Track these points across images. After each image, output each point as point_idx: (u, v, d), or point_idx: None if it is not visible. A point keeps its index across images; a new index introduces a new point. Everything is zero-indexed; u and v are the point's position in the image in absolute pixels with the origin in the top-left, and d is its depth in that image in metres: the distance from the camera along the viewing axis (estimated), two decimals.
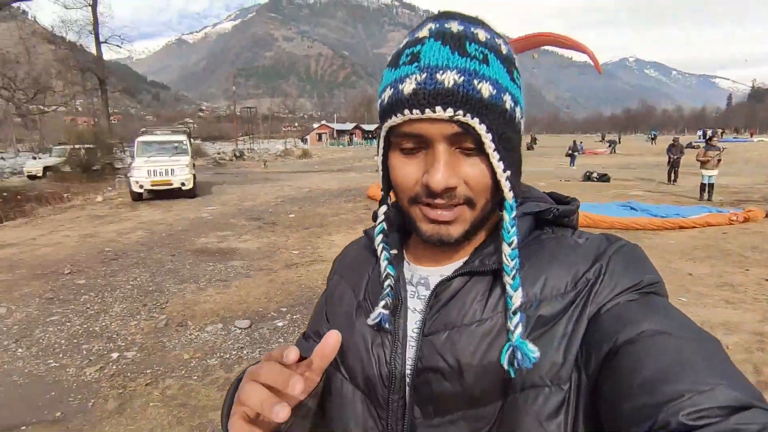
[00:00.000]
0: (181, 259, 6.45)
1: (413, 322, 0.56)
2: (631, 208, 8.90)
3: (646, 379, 0.38)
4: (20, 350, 3.78)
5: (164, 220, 9.55)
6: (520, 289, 0.49)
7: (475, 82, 0.47)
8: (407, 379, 0.54)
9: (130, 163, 13.04)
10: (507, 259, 0.50)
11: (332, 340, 0.48)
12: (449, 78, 0.46)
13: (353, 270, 0.67)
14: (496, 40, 0.51)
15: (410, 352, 0.54)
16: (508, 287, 0.50)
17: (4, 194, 14.13)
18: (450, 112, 0.46)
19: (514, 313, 0.48)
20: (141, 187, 12.00)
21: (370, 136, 68.91)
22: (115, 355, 3.66)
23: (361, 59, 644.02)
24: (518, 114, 0.52)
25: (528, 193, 0.60)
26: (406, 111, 0.47)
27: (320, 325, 0.69)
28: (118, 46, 29.82)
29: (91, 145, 20.63)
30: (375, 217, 0.62)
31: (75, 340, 3.94)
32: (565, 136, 77.33)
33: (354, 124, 75.50)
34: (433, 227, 0.51)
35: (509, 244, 0.50)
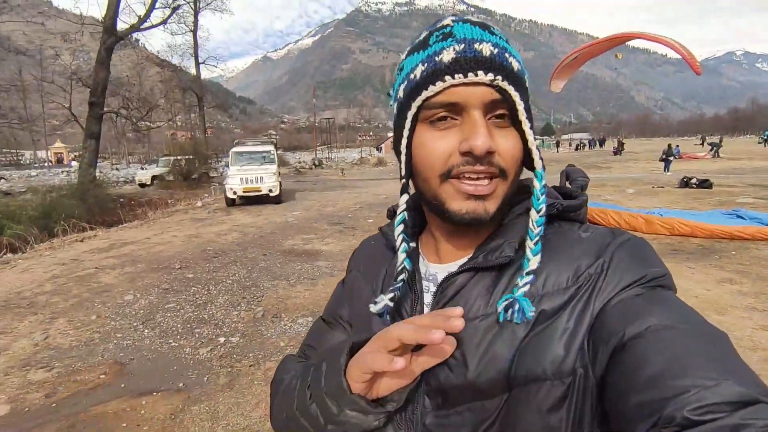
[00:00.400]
0: (272, 258, 7.01)
1: None
2: (738, 216, 8.07)
3: (652, 373, 0.39)
4: (146, 331, 4.39)
5: (254, 224, 10.37)
6: (539, 255, 0.51)
7: (506, 55, 0.50)
8: None
9: (225, 172, 14.29)
10: (533, 225, 0.52)
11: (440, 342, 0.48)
12: (486, 48, 0.49)
13: (370, 266, 0.69)
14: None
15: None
16: (528, 251, 0.51)
17: (121, 200, 16.22)
18: (491, 76, 0.48)
19: (527, 273, 0.50)
20: (234, 193, 13.13)
21: None
22: (222, 339, 4.12)
23: None
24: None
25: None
26: (447, 77, 0.49)
27: (340, 310, 0.72)
28: (214, 66, 32.79)
29: (191, 156, 22.92)
30: (390, 215, 0.66)
31: (189, 325, 4.49)
32: (657, 140, 71.18)
33: None
34: (468, 204, 0.51)
35: (538, 211, 0.52)
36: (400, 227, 0.59)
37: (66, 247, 8.62)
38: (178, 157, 23.07)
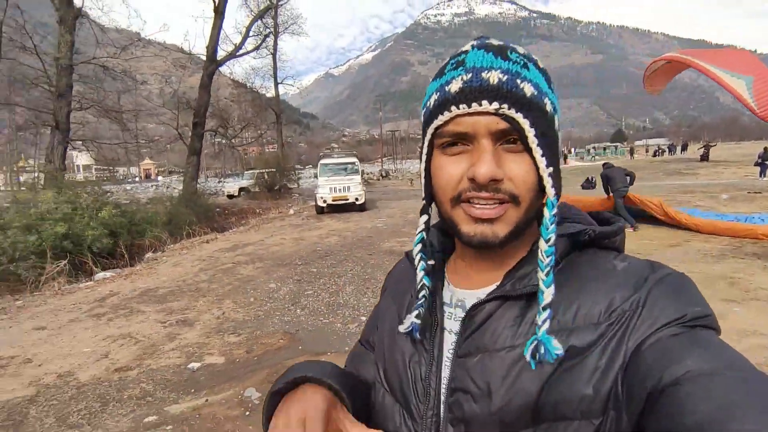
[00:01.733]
0: (378, 257, 7.85)
1: (449, 342, 0.57)
2: None
3: (693, 424, 0.36)
4: (298, 311, 5.33)
5: (348, 228, 11.36)
6: (552, 287, 0.48)
7: (518, 81, 0.49)
8: (442, 397, 0.56)
9: (315, 182, 15.59)
10: (543, 256, 0.50)
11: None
12: (494, 76, 0.49)
13: (398, 288, 0.69)
14: (533, 56, 0.54)
15: (445, 372, 0.56)
16: (540, 282, 0.49)
17: (217, 209, 18.13)
18: (496, 105, 0.48)
19: (544, 308, 0.48)
20: (324, 201, 14.34)
21: None
22: (363, 318, 4.94)
23: None
24: (557, 121, 0.54)
25: (566, 213, 0.60)
26: (453, 108, 0.50)
27: (371, 335, 0.74)
28: (290, 85, 35.23)
29: (274, 170, 24.86)
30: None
31: (330, 307, 5.37)
32: (747, 144, 65.31)
33: None
34: (476, 227, 0.51)
35: (546, 241, 0.50)
36: (419, 246, 0.60)
37: (197, 247, 10.07)
38: (263, 171, 25.12)
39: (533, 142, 0.49)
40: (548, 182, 0.51)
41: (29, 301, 6.50)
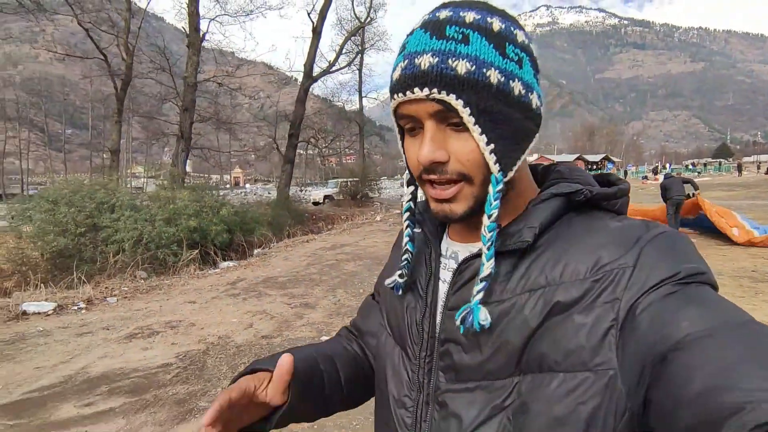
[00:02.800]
0: None
1: (443, 292, 0.61)
2: None
3: (699, 390, 0.35)
4: None
5: None
6: (492, 260, 0.51)
7: (450, 61, 0.49)
8: (436, 343, 0.59)
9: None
10: (485, 231, 0.52)
11: (287, 363, 0.59)
12: (425, 61, 0.50)
13: (399, 247, 0.71)
14: (488, 19, 0.51)
15: (439, 318, 0.60)
16: (483, 256, 0.52)
17: (306, 214, 19.49)
18: (426, 91, 0.50)
19: (481, 280, 0.51)
20: None
21: (594, 167, 64.30)
22: None
23: (580, 86, 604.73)
24: (517, 88, 0.51)
25: (566, 174, 0.60)
26: (395, 95, 0.53)
27: (380, 286, 0.79)
28: (374, 98, 36.71)
29: (356, 179, 26.10)
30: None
31: None
32: None
33: (576, 155, 71.81)
34: (437, 205, 0.55)
35: (489, 216, 0.51)
36: (406, 214, 0.64)
37: (300, 246, 11.09)
38: (346, 180, 26.47)
39: (469, 121, 0.50)
40: (491, 159, 0.51)
41: (174, 281, 7.71)
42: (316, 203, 27.40)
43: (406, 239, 0.64)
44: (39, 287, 6.86)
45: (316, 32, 19.71)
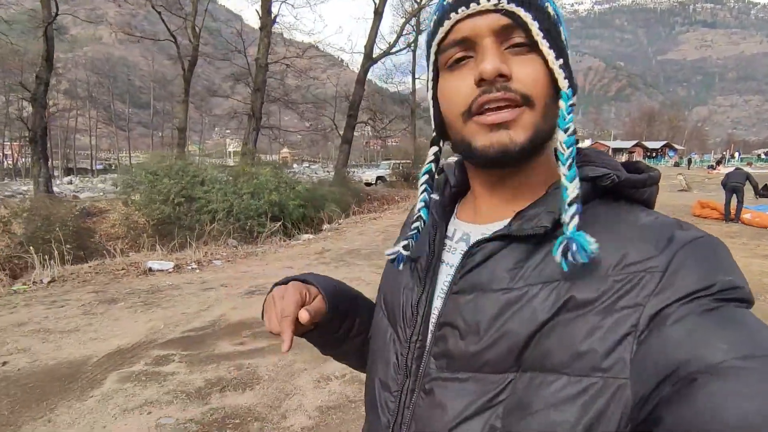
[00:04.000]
0: None
1: (445, 275, 0.57)
2: None
3: (731, 425, 0.32)
4: None
5: None
6: (576, 181, 0.46)
7: None
8: (430, 327, 0.56)
9: None
10: (562, 147, 0.48)
11: (317, 306, 0.62)
12: None
13: (408, 224, 0.68)
14: None
15: (437, 303, 0.56)
16: (563, 178, 0.47)
17: (361, 194, 20.07)
18: (494, 0, 0.47)
19: (570, 204, 0.46)
20: None
21: (654, 154, 61.15)
22: None
23: (640, 68, 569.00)
24: (562, 32, 0.51)
25: (593, 157, 0.55)
26: (452, 14, 0.49)
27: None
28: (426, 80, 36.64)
29: (408, 161, 26.38)
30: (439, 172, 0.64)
31: None
32: None
33: (634, 142, 68.33)
34: (492, 136, 0.49)
35: (565, 131, 0.48)
36: (424, 177, 0.59)
37: (368, 223, 11.63)
38: (399, 161, 26.81)
39: (537, 34, 0.48)
40: (560, 74, 0.49)
41: (266, 248, 8.43)
42: (368, 184, 27.95)
43: (420, 204, 0.59)
44: (151, 249, 7.74)
45: (378, 13, 19.90)
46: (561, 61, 0.49)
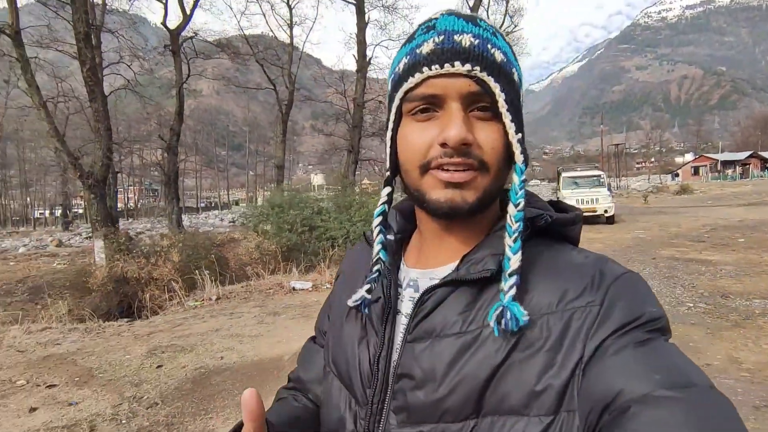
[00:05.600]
0: (664, 261, 8.14)
1: (401, 325, 0.56)
2: None
3: None
4: None
5: (606, 238, 11.65)
6: (519, 253, 0.48)
7: (489, 46, 0.49)
8: (390, 382, 0.54)
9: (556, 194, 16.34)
10: (511, 221, 0.50)
11: (251, 402, 0.49)
12: (466, 39, 0.49)
13: (353, 270, 0.68)
14: (500, 30, 0.54)
15: (395, 356, 0.55)
16: (507, 249, 0.49)
17: None
18: (468, 66, 0.48)
19: (510, 275, 0.48)
20: None
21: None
22: (695, 304, 5.52)
23: (746, 72, 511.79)
24: (522, 92, 0.54)
25: (527, 199, 0.56)
26: (425, 69, 0.49)
27: (323, 325, 0.73)
28: None
29: None
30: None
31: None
32: None
33: (747, 153, 61.18)
34: (446, 192, 0.50)
35: (516, 206, 0.50)
36: (379, 219, 0.60)
37: None
38: None
39: (503, 106, 0.49)
40: (517, 148, 0.51)
41: None
42: None
43: (378, 247, 0.59)
44: (287, 271, 8.79)
45: None
46: (519, 135, 0.52)
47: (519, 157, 0.52)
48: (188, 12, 18.24)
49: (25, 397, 3.49)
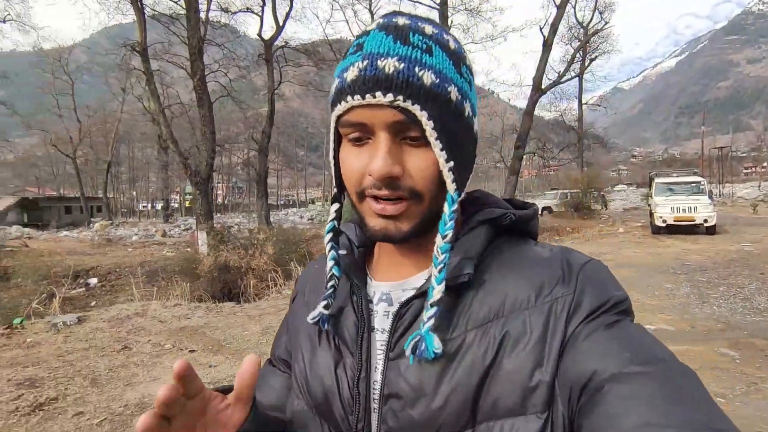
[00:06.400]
0: None
1: (379, 343, 0.54)
2: None
3: (634, 424, 0.37)
4: (714, 307, 5.92)
5: (705, 249, 10.83)
6: (443, 284, 0.48)
7: (417, 69, 0.47)
8: (374, 405, 0.52)
9: (650, 202, 15.39)
10: (438, 252, 0.49)
11: (248, 364, 0.47)
12: (390, 64, 0.46)
13: (314, 290, 0.65)
14: (444, 35, 0.51)
15: (376, 376, 0.53)
16: (432, 279, 0.48)
17: None
18: (390, 97, 0.46)
19: (432, 305, 0.47)
20: (664, 222, 13.93)
21: None
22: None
23: None
24: (467, 109, 0.51)
25: (484, 200, 0.59)
26: (349, 98, 0.48)
27: (279, 346, 0.69)
28: (598, 105, 34.74)
29: (578, 190, 25.07)
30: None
31: (749, 309, 5.73)
32: None
33: None
34: (380, 222, 0.50)
35: (443, 237, 0.49)
36: (329, 236, 0.58)
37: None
38: (567, 191, 25.72)
39: (431, 135, 0.48)
40: (448, 177, 0.49)
41: None
42: None
43: (331, 263, 0.58)
44: None
45: (548, 45, 20.09)
46: (452, 162, 0.49)
47: (451, 186, 0.50)
48: (281, 23, 19.65)
49: (174, 358, 4.22)
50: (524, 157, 22.55)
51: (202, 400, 0.47)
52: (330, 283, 0.57)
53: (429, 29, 0.50)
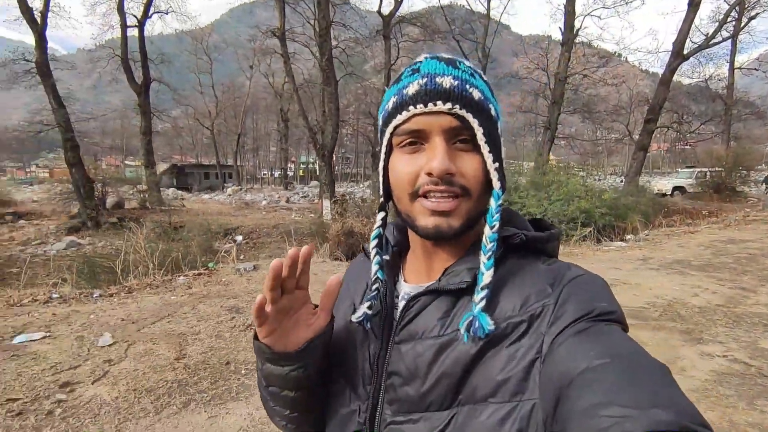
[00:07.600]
0: None
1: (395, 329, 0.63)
2: None
3: (585, 407, 0.40)
4: None
5: None
6: (492, 270, 0.54)
7: (467, 86, 0.56)
8: (383, 376, 0.61)
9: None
10: (486, 240, 0.56)
11: (334, 281, 0.60)
12: (447, 81, 0.55)
13: (355, 280, 0.74)
14: (478, 70, 0.60)
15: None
16: (481, 264, 0.55)
17: (658, 206, 18.06)
18: (449, 105, 0.54)
19: (482, 288, 0.54)
20: None
21: None
22: None
23: None
24: (499, 127, 0.60)
25: (507, 218, 0.62)
26: (411, 107, 0.56)
27: None
28: (755, 69, 29.64)
29: (720, 169, 22.03)
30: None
31: None
32: None
33: None
34: (434, 219, 0.56)
35: (491, 227, 0.56)
36: (375, 242, 0.66)
37: (684, 236, 10.96)
38: (708, 169, 22.78)
39: (481, 139, 0.56)
40: (494, 176, 0.57)
41: (580, 251, 9.27)
42: (662, 194, 24.81)
43: (376, 267, 0.66)
44: None
45: (695, 4, 17.69)
46: (497, 164, 0.58)
47: (496, 184, 0.58)
48: None
49: None
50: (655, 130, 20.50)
51: (304, 298, 0.62)
52: (375, 286, 0.65)
53: (466, 63, 0.60)
